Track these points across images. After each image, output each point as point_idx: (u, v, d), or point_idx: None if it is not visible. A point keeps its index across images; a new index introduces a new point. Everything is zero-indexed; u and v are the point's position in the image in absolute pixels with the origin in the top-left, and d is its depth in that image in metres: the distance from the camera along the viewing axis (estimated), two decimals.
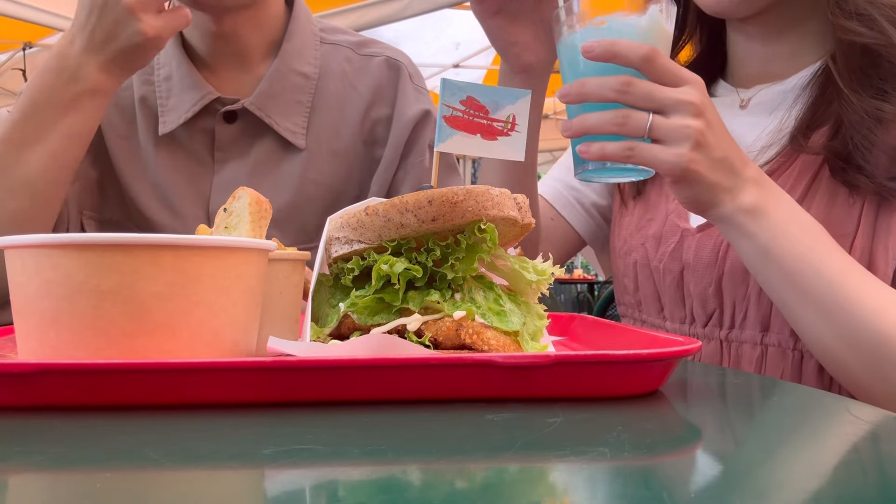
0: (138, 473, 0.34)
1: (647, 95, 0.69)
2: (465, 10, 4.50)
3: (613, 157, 0.71)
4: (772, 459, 0.37)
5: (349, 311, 0.54)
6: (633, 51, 0.69)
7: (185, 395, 0.45)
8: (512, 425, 0.41)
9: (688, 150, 0.69)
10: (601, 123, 0.71)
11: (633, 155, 0.70)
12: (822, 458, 0.39)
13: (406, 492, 0.31)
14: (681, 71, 0.71)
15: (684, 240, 0.93)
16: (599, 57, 0.70)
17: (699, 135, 0.69)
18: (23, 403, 0.44)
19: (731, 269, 0.87)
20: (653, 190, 1.01)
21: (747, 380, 0.61)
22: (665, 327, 0.97)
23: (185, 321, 0.47)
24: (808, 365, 0.84)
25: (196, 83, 1.04)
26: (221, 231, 0.58)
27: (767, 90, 0.94)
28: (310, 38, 1.10)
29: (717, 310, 0.90)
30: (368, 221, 0.54)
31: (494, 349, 0.51)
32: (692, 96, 0.69)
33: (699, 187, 0.72)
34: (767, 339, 0.87)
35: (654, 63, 0.69)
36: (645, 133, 0.70)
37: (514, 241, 0.63)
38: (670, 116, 0.70)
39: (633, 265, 1.00)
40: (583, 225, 1.14)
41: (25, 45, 4.98)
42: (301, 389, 0.46)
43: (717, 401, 0.53)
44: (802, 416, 0.49)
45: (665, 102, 0.69)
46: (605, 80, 0.70)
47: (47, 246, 0.46)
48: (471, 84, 0.64)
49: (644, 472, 0.34)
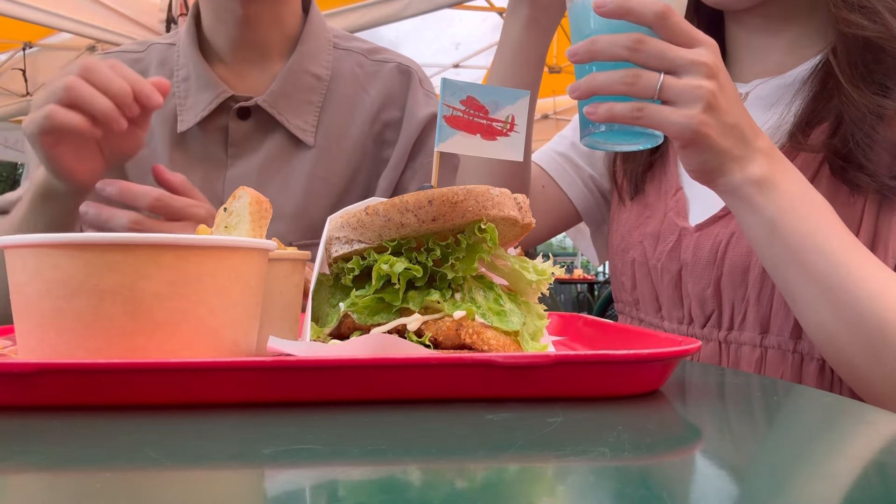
0: (138, 473, 0.34)
1: (659, 54, 0.67)
2: (465, 10, 4.51)
3: (622, 118, 0.69)
4: (772, 459, 0.37)
5: (349, 311, 0.54)
6: (647, 7, 0.67)
7: (185, 395, 0.45)
8: (512, 425, 0.41)
9: (699, 111, 0.67)
10: (610, 83, 0.69)
11: (643, 116, 0.68)
12: (823, 458, 0.39)
13: (406, 492, 0.31)
14: (695, 31, 0.69)
15: (682, 239, 0.92)
16: (612, 13, 0.68)
17: (711, 97, 0.67)
18: (23, 403, 0.44)
19: (730, 270, 0.86)
20: (652, 189, 1.01)
21: (747, 380, 0.61)
22: (663, 327, 0.97)
23: (185, 321, 0.47)
24: (809, 367, 0.83)
25: (211, 82, 1.08)
26: (221, 231, 0.58)
27: (766, 84, 0.93)
28: (324, 43, 1.15)
29: (716, 311, 0.89)
30: (368, 221, 0.54)
31: (494, 349, 0.51)
32: (706, 57, 0.68)
33: (709, 153, 0.70)
34: (767, 340, 0.86)
35: (668, 21, 0.68)
36: (655, 94, 0.68)
37: (515, 241, 0.63)
38: (682, 77, 0.68)
39: (631, 263, 0.99)
40: (578, 194, 1.11)
41: (25, 45, 4.98)
42: (301, 389, 0.46)
43: (716, 401, 0.53)
44: (803, 416, 0.49)
45: (678, 62, 0.68)
46: (616, 38, 0.68)
47: (47, 246, 0.46)
48: (471, 84, 0.64)
49: (644, 472, 0.34)
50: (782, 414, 0.50)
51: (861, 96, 0.79)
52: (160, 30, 3.88)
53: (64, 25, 3.71)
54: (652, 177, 1.01)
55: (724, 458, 0.38)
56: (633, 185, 1.02)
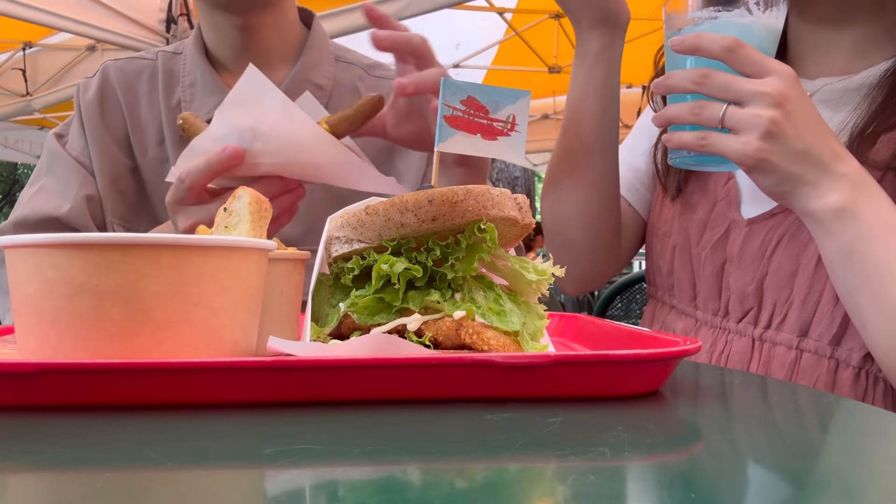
0: (138, 473, 0.34)
1: (723, 86, 0.71)
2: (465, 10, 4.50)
3: (689, 145, 0.74)
4: (772, 459, 0.37)
5: (349, 311, 0.54)
6: (716, 42, 0.71)
7: (185, 395, 0.45)
8: (512, 425, 0.41)
9: (755, 138, 0.70)
10: (680, 114, 0.75)
11: (707, 144, 0.72)
12: (823, 458, 0.39)
13: (406, 492, 0.31)
14: (767, 62, 0.71)
15: (731, 230, 0.91)
16: (686, 50, 0.73)
17: (771, 124, 0.69)
18: (23, 403, 0.44)
19: (777, 270, 0.85)
20: (696, 189, 0.98)
21: (747, 380, 0.61)
22: (696, 316, 0.95)
23: (185, 321, 0.47)
24: (844, 374, 0.82)
25: (217, 87, 1.09)
26: (221, 231, 0.58)
27: (832, 86, 0.90)
28: (326, 55, 1.17)
29: (755, 308, 0.88)
30: (368, 221, 0.54)
31: (494, 349, 0.51)
32: (770, 87, 0.70)
33: (775, 177, 0.72)
34: (804, 344, 0.84)
35: (736, 54, 0.71)
36: (719, 123, 0.72)
37: (515, 241, 0.63)
38: (746, 107, 0.71)
39: (672, 248, 0.98)
40: (639, 200, 1.09)
41: (25, 45, 4.98)
42: (301, 389, 0.46)
43: (716, 401, 0.53)
44: (803, 416, 0.49)
45: (742, 93, 0.71)
46: (687, 73, 0.73)
47: (47, 245, 0.46)
48: (471, 84, 0.64)
49: (644, 472, 0.34)
50: (782, 414, 0.50)
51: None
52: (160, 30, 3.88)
53: (64, 25, 3.70)
54: (697, 178, 0.99)
55: (723, 458, 0.38)
56: (674, 187, 1.01)
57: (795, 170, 0.71)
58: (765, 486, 0.32)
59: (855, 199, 0.71)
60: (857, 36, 0.90)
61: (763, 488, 0.32)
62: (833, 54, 0.92)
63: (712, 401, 0.53)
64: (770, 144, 0.70)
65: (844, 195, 0.71)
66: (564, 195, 0.99)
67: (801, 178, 0.71)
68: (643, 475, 0.34)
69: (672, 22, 0.79)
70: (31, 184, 1.11)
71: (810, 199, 0.72)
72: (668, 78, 0.75)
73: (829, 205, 0.71)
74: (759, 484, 0.33)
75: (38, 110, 5.41)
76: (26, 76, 5.03)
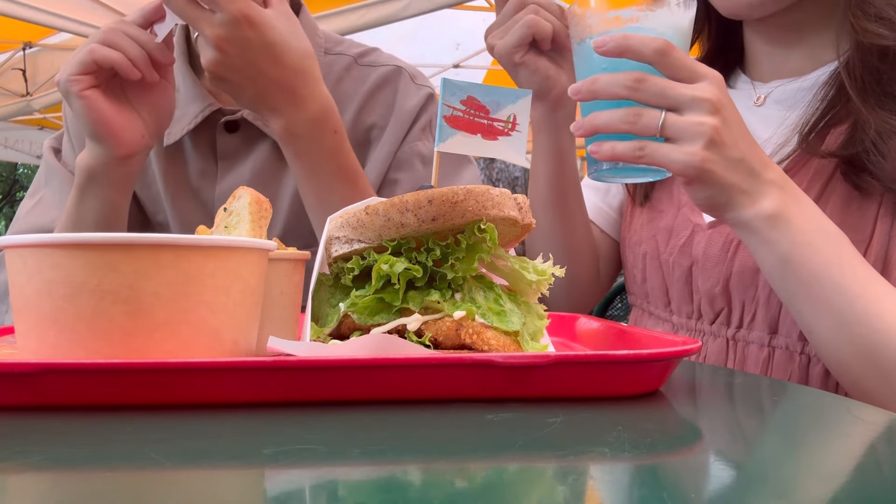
0: (138, 473, 0.34)
1: (659, 92, 0.67)
2: (465, 10, 4.50)
3: (624, 156, 0.68)
4: (772, 459, 0.37)
5: (349, 311, 0.54)
6: (646, 44, 0.67)
7: (185, 395, 0.45)
8: (512, 425, 0.41)
9: (700, 148, 0.66)
10: (612, 122, 0.69)
11: (645, 154, 0.68)
12: (823, 458, 0.39)
13: (406, 492, 0.31)
14: (697, 66, 0.68)
15: (695, 235, 0.92)
16: (611, 52, 0.68)
17: (714, 132, 0.66)
18: (23, 403, 0.44)
19: (740, 270, 0.86)
20: (662, 194, 1.00)
21: (747, 380, 0.61)
22: (672, 321, 0.97)
23: (185, 320, 0.47)
24: (815, 369, 0.83)
25: (199, 95, 1.07)
26: (221, 231, 0.58)
27: (785, 87, 0.92)
28: (315, 47, 1.12)
29: (725, 308, 0.89)
30: (368, 221, 0.54)
31: (494, 349, 0.51)
32: (708, 93, 0.67)
33: (714, 189, 0.69)
34: (775, 341, 0.85)
35: (669, 57, 0.67)
36: (657, 132, 0.67)
37: (515, 241, 0.63)
38: (684, 114, 0.67)
39: (643, 257, 0.99)
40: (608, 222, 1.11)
41: (25, 45, 4.97)
42: (301, 389, 0.46)
43: (716, 401, 0.53)
44: (803, 416, 0.49)
45: (679, 99, 0.67)
46: (616, 77, 0.68)
47: (47, 245, 0.46)
48: (471, 84, 0.64)
49: (644, 472, 0.34)
50: (782, 414, 0.50)
51: (872, 108, 0.78)
52: None
53: (64, 25, 3.70)
54: (661, 185, 1.00)
55: (723, 458, 0.38)
56: (641, 194, 1.03)
57: (733, 179, 0.69)
58: (765, 486, 0.32)
59: (785, 204, 0.70)
60: (808, 46, 0.91)
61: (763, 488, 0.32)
62: (788, 61, 0.94)
63: (712, 401, 0.53)
64: (713, 154, 0.67)
65: (775, 201, 0.70)
66: (536, 243, 1.02)
67: (737, 187, 0.69)
68: (643, 475, 0.34)
69: (587, 22, 0.73)
70: (30, 196, 1.11)
71: (745, 208, 0.70)
72: (594, 82, 0.69)
73: (763, 211, 0.70)
74: (759, 484, 0.33)
75: (38, 110, 5.41)
76: (26, 76, 5.03)
